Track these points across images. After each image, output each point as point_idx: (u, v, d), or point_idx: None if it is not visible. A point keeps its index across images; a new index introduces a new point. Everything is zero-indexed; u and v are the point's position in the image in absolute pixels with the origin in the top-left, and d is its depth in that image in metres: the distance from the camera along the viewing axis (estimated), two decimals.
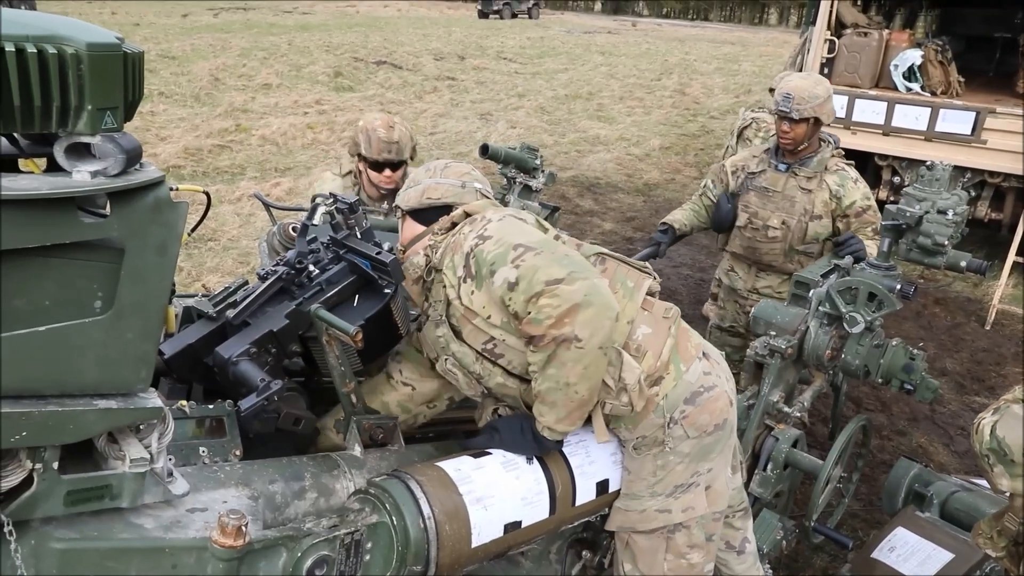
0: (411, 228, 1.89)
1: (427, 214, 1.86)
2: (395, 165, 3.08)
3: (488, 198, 1.91)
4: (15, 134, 1.02)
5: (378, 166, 3.08)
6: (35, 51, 0.86)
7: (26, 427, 0.98)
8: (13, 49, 0.84)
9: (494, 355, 1.70)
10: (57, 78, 0.89)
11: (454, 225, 1.80)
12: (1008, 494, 1.70)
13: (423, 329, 1.86)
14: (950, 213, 2.48)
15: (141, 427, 1.16)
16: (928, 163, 2.65)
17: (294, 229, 2.39)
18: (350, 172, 3.24)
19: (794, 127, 3.14)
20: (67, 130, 0.94)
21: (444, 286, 1.73)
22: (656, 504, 1.79)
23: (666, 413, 1.73)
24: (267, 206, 2.65)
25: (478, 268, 1.63)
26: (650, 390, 1.72)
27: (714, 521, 1.86)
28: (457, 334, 1.73)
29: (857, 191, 3.22)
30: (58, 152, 0.96)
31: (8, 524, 1.02)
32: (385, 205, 3.18)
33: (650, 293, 1.85)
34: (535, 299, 1.53)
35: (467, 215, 1.80)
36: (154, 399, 1.12)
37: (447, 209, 1.85)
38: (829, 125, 3.30)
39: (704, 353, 1.84)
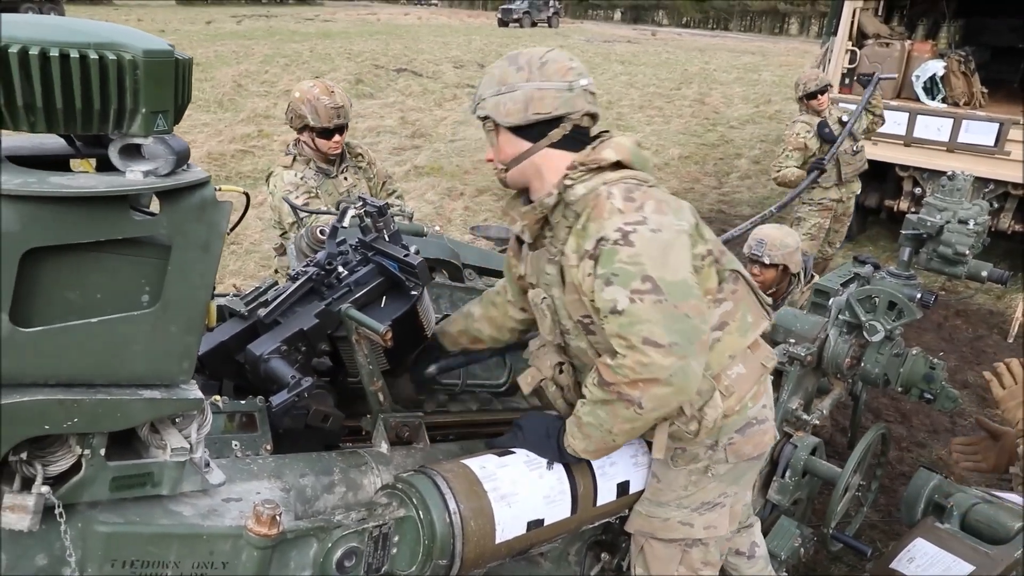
0: (512, 144, 1.66)
1: (531, 130, 1.64)
2: (342, 129, 3.21)
3: (595, 96, 1.68)
4: (72, 135, 1.07)
5: (327, 133, 3.19)
6: (96, 57, 0.91)
7: (78, 414, 1.02)
8: (77, 55, 0.89)
9: (588, 330, 1.65)
10: (115, 83, 0.93)
11: (599, 169, 1.61)
12: None
13: (534, 250, 1.75)
14: (971, 223, 2.49)
15: (178, 419, 1.21)
16: (949, 173, 2.67)
17: (322, 232, 2.44)
18: (294, 156, 3.33)
19: (764, 271, 3.41)
20: (122, 132, 0.99)
21: (570, 235, 1.61)
22: (680, 516, 1.80)
23: (715, 438, 1.74)
24: (295, 209, 2.71)
25: (603, 262, 1.52)
26: None
27: (727, 540, 1.89)
28: (562, 282, 1.66)
29: None
30: (112, 153, 1.01)
31: (59, 506, 1.06)
32: (334, 168, 3.34)
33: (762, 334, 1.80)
34: (625, 345, 1.48)
35: (618, 165, 1.61)
36: (195, 391, 1.16)
37: (557, 121, 1.63)
38: (796, 274, 3.55)
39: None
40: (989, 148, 6.23)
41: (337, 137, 3.25)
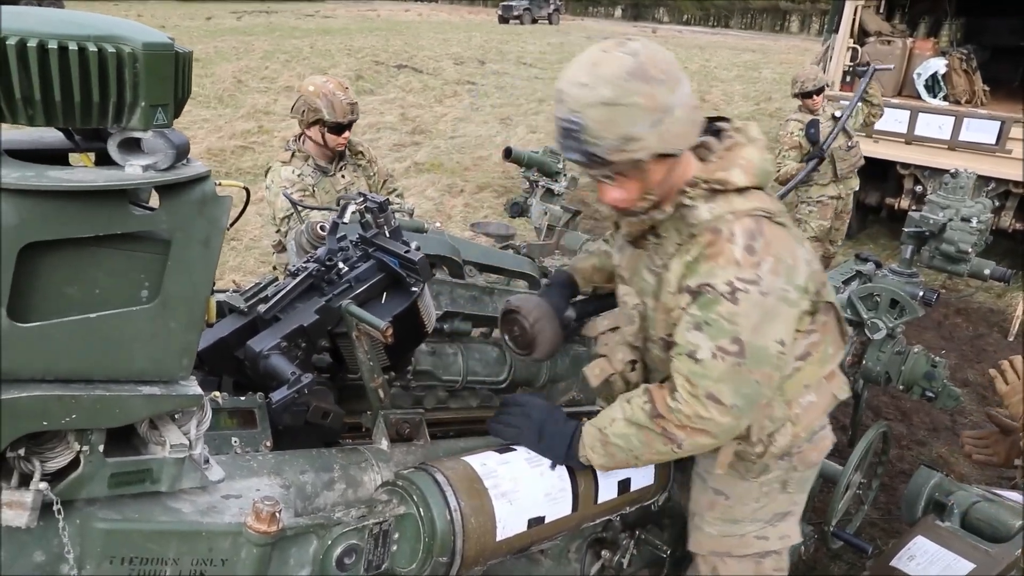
0: (662, 167, 1.45)
1: None
2: (351, 125, 3.28)
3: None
4: (71, 129, 1.06)
5: (339, 128, 3.24)
6: (95, 50, 0.90)
7: (76, 410, 1.01)
8: (76, 48, 0.88)
9: (670, 346, 1.59)
10: (115, 75, 0.92)
11: (718, 190, 1.48)
12: None
13: (634, 247, 1.66)
14: (974, 221, 2.49)
15: (178, 415, 1.20)
16: (952, 170, 2.66)
17: (322, 228, 2.43)
18: (292, 152, 3.34)
19: None
20: (121, 125, 0.98)
21: (676, 255, 1.53)
22: (754, 530, 1.80)
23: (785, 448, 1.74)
24: (294, 205, 2.70)
25: (700, 306, 1.46)
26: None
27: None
28: (657, 296, 1.60)
29: None
30: (111, 147, 1.00)
31: (57, 503, 1.05)
32: (333, 166, 3.38)
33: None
34: (689, 391, 1.47)
35: (741, 190, 1.48)
36: (195, 387, 1.16)
37: None
38: None
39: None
40: (990, 146, 6.22)
41: (347, 133, 3.29)
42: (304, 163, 3.36)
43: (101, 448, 1.09)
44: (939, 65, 6.79)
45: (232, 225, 1.85)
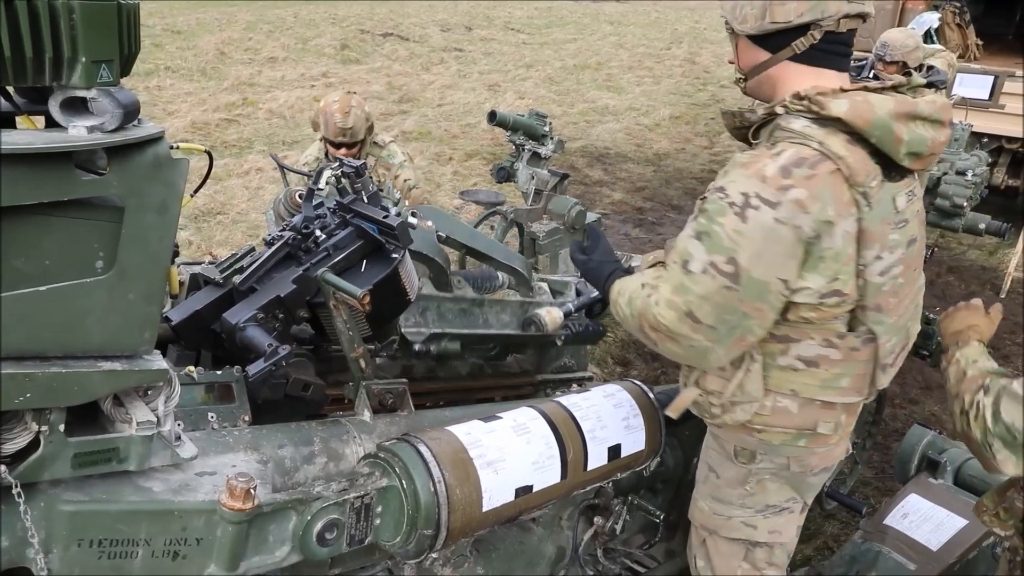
0: (749, 53, 1.52)
1: (770, 39, 1.47)
2: (351, 146, 3.55)
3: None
4: (10, 90, 0.99)
5: (335, 146, 3.56)
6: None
7: (30, 388, 0.96)
8: None
9: None
10: (48, 27, 0.86)
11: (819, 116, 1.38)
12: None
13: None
14: (969, 174, 2.43)
15: (149, 391, 1.15)
16: None
17: (300, 196, 2.37)
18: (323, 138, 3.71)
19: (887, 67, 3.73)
20: (62, 83, 0.91)
21: None
22: (743, 516, 1.71)
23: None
24: (282, 168, 2.64)
25: (705, 214, 1.41)
26: None
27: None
28: None
29: None
30: (53, 106, 0.93)
31: (16, 486, 1.01)
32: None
33: None
34: (668, 301, 1.43)
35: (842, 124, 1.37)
36: (159, 361, 1.11)
37: (803, 30, 1.42)
38: None
39: None
40: (983, 102, 6.14)
41: (345, 151, 3.52)
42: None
43: (62, 427, 1.04)
44: (932, 19, 6.66)
45: (196, 192, 1.78)
